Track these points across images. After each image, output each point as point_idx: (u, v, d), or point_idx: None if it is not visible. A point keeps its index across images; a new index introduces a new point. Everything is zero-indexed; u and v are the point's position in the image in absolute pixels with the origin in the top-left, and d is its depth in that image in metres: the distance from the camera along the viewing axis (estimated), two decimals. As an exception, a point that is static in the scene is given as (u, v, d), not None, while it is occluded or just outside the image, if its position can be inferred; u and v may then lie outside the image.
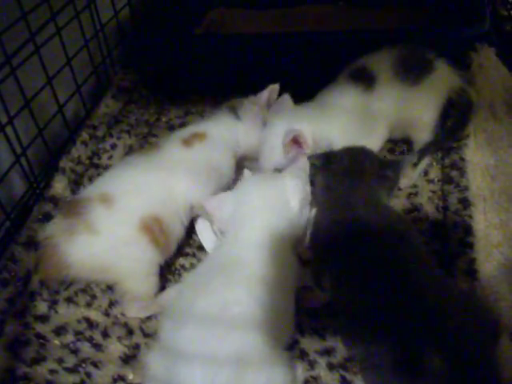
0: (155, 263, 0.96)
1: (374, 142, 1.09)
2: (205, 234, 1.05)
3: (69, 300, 0.98)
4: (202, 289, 0.79)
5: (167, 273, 1.03)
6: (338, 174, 0.89)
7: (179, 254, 1.05)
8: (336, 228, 0.83)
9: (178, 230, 1.00)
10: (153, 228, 0.94)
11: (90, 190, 0.98)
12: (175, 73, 1.39)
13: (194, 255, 1.07)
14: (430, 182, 1.14)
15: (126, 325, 0.95)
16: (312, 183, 0.94)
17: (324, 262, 0.85)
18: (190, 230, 1.07)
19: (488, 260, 0.92)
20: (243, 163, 1.14)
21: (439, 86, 1.11)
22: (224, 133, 1.08)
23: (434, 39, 1.21)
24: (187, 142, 1.04)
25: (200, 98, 1.42)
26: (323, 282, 0.86)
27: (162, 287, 0.99)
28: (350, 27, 1.52)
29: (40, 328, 0.94)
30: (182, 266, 1.05)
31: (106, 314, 0.97)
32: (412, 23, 1.51)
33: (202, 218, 1.06)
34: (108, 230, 0.92)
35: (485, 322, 0.73)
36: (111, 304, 0.98)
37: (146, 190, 0.97)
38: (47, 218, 1.05)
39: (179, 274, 1.04)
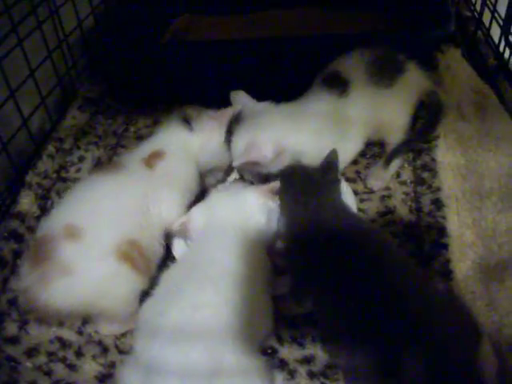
0: (138, 289, 0.91)
1: (350, 147, 1.09)
2: (180, 251, 1.03)
3: (40, 320, 0.95)
4: (173, 296, 0.79)
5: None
6: (296, 198, 0.90)
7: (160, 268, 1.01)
8: (307, 238, 0.84)
9: (157, 251, 0.96)
10: (132, 254, 0.89)
11: (53, 223, 0.90)
12: (142, 82, 1.37)
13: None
14: (403, 183, 1.14)
15: (100, 343, 0.92)
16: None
17: (301, 274, 0.85)
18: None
19: (462, 260, 0.93)
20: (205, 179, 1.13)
21: (411, 88, 1.11)
22: (182, 147, 1.05)
23: (402, 41, 1.21)
24: (149, 162, 1.00)
25: (169, 107, 1.39)
26: (302, 298, 0.86)
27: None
28: (318, 31, 1.51)
29: (11, 350, 0.91)
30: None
31: (80, 333, 0.94)
32: (379, 26, 1.52)
33: (177, 236, 1.03)
34: (84, 268, 0.85)
35: (466, 324, 0.73)
36: (84, 322, 0.95)
37: (118, 214, 0.91)
38: (13, 235, 1.02)
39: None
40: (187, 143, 1.05)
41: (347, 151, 1.08)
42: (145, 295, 0.89)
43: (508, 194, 1.02)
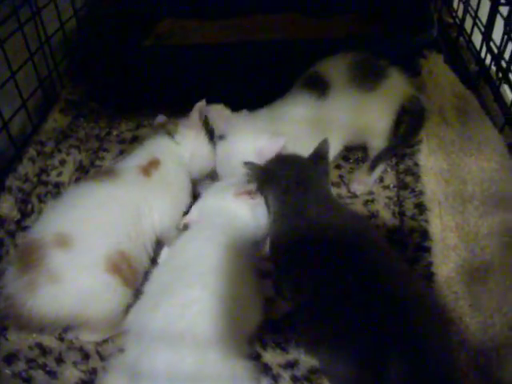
0: (124, 301, 0.89)
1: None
2: None
3: (20, 326, 0.92)
4: (162, 295, 0.79)
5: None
6: (288, 188, 0.88)
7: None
8: (293, 234, 0.83)
9: (145, 264, 0.95)
10: (121, 265, 0.88)
11: (44, 230, 0.87)
12: (125, 85, 1.35)
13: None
14: (386, 188, 1.14)
15: (81, 349, 0.91)
16: (261, 193, 0.95)
17: (285, 269, 0.84)
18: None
19: (445, 262, 0.94)
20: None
21: (393, 93, 1.12)
22: (173, 158, 1.04)
23: (385, 46, 1.22)
24: (146, 171, 0.99)
25: (151, 111, 1.38)
26: (285, 289, 0.85)
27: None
28: (302, 36, 1.52)
29: (-12, 357, 0.89)
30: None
31: (60, 339, 0.92)
32: (362, 31, 1.53)
33: (166, 248, 1.02)
34: (72, 277, 0.84)
35: (442, 322, 0.73)
36: (65, 328, 0.93)
37: (109, 224, 0.90)
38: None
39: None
40: (178, 154, 1.05)
41: None
42: (129, 307, 0.88)
43: (489, 198, 1.03)
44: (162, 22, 1.69)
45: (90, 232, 0.88)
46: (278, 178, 0.90)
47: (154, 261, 0.99)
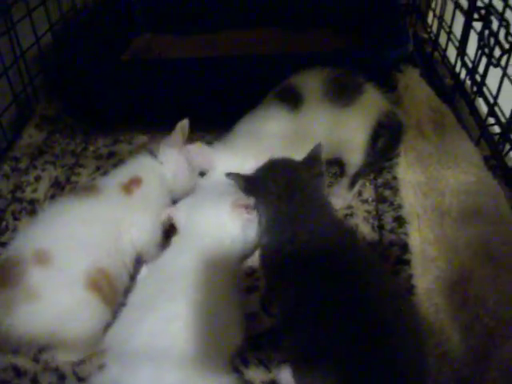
0: (104, 320, 0.88)
1: None
2: None
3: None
4: (145, 309, 0.78)
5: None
6: (280, 194, 0.86)
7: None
8: (286, 246, 0.81)
9: (124, 281, 0.93)
10: (101, 283, 0.86)
11: (22, 246, 0.86)
12: (101, 100, 1.34)
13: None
14: (365, 202, 1.14)
15: (57, 370, 0.88)
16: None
17: (275, 283, 0.83)
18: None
19: (425, 274, 0.94)
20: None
21: (369, 109, 1.12)
22: (155, 177, 1.04)
23: (361, 61, 1.23)
24: (127, 188, 0.98)
25: (128, 126, 1.37)
26: (273, 304, 0.85)
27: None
28: (279, 51, 1.53)
29: (-40, 380, 0.86)
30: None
31: (36, 360, 0.90)
32: (339, 46, 1.54)
33: (145, 266, 1.00)
34: (51, 295, 0.82)
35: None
36: (41, 349, 0.90)
37: (89, 241, 0.88)
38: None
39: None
40: (160, 173, 1.05)
41: None
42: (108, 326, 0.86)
43: (467, 210, 1.04)
44: (138, 38, 1.69)
45: (70, 248, 0.86)
46: (268, 184, 0.88)
47: (133, 278, 0.97)
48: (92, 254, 0.88)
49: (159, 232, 1.00)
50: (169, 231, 1.02)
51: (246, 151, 1.03)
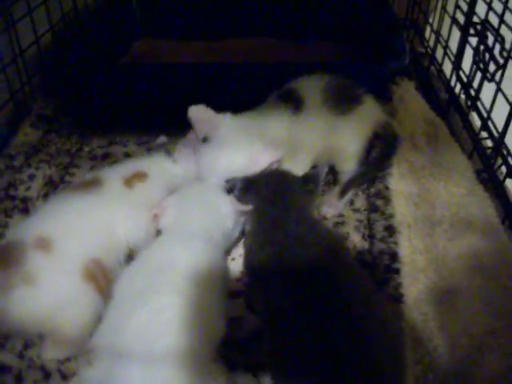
0: (97, 312, 0.87)
1: (296, 168, 1.08)
2: None
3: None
4: (134, 301, 0.79)
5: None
6: (267, 197, 0.91)
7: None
8: (268, 247, 0.83)
9: (117, 274, 0.93)
10: (97, 274, 0.87)
11: (25, 232, 0.87)
12: (98, 102, 1.35)
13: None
14: (356, 211, 1.14)
15: (42, 368, 0.87)
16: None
17: (258, 281, 0.85)
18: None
19: (414, 284, 0.94)
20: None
21: (365, 120, 1.12)
22: (164, 175, 1.05)
23: (358, 72, 1.24)
24: (129, 182, 0.99)
25: (124, 128, 1.38)
26: (257, 302, 0.86)
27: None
28: (276, 60, 1.54)
29: None
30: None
31: (21, 357, 0.89)
32: (337, 57, 1.56)
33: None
34: (49, 281, 0.83)
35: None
36: (26, 346, 0.90)
37: (88, 231, 0.89)
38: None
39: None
40: (171, 173, 1.06)
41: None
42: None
43: (458, 222, 1.05)
44: (138, 42, 1.70)
45: (70, 238, 0.87)
46: (261, 187, 0.92)
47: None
48: (90, 244, 0.88)
49: (153, 231, 1.00)
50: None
51: (250, 131, 1.05)
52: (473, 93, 1.25)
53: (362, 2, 1.64)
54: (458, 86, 1.35)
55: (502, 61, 1.08)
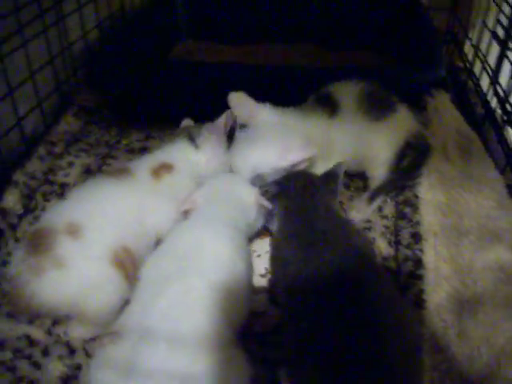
0: (123, 298, 0.90)
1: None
2: None
3: (10, 315, 0.94)
4: (162, 284, 0.82)
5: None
6: (295, 196, 0.94)
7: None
8: (295, 241, 0.86)
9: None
10: (125, 261, 0.89)
11: (56, 218, 0.90)
12: (139, 97, 1.39)
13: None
14: (384, 217, 1.15)
15: (68, 344, 0.91)
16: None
17: (284, 280, 0.86)
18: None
19: (437, 290, 0.94)
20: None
21: (398, 129, 1.14)
22: (188, 164, 1.07)
23: (393, 80, 1.25)
24: (157, 173, 1.02)
25: (161, 123, 1.41)
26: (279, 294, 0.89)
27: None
28: (315, 65, 1.56)
29: (-24, 343, 0.89)
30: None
31: (48, 333, 0.93)
32: (375, 66, 1.57)
33: None
34: (78, 266, 0.86)
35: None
36: (55, 322, 0.94)
37: (118, 219, 0.92)
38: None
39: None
40: (194, 161, 1.08)
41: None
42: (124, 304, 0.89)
43: (486, 234, 1.04)
44: (181, 43, 1.74)
45: (100, 224, 0.90)
46: (290, 186, 0.96)
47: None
48: (119, 232, 0.91)
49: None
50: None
51: (287, 124, 1.08)
52: (509, 108, 1.24)
53: (402, 14, 1.66)
54: (494, 101, 1.34)
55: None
